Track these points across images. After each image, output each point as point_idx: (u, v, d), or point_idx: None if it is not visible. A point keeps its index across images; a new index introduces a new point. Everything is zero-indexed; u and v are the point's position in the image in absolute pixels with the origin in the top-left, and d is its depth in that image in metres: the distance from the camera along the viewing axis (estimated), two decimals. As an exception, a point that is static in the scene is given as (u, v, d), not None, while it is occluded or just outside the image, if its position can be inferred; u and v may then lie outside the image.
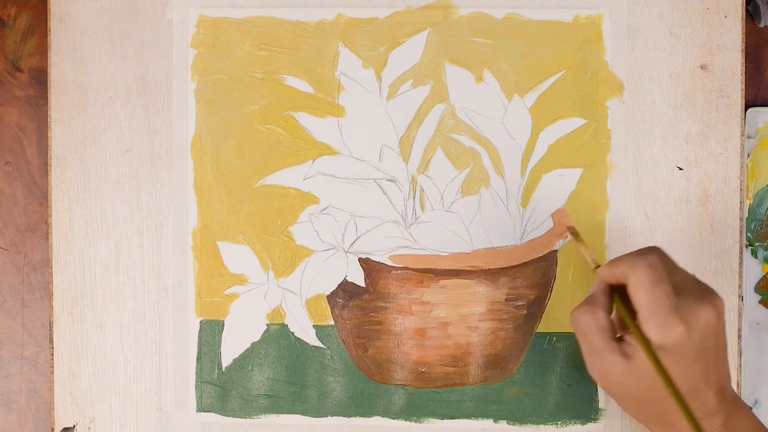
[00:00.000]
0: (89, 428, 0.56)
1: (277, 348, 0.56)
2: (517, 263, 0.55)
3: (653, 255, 0.45)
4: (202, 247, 0.56)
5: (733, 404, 0.46)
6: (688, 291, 0.45)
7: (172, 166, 0.56)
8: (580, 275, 0.55)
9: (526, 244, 0.55)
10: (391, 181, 0.55)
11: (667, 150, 0.55)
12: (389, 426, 0.55)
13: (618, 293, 0.47)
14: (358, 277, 0.55)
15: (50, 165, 0.56)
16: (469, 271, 0.55)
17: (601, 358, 0.45)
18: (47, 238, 0.57)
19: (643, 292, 0.44)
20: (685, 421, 0.42)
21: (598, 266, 0.49)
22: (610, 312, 0.46)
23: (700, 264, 0.55)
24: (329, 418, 0.56)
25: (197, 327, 0.56)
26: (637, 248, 0.47)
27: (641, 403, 0.46)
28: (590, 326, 0.45)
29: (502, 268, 0.55)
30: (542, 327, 0.55)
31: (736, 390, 0.54)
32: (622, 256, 0.46)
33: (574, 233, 0.53)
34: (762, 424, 0.46)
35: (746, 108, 0.56)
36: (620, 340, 0.46)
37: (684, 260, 0.54)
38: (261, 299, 0.55)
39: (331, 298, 0.55)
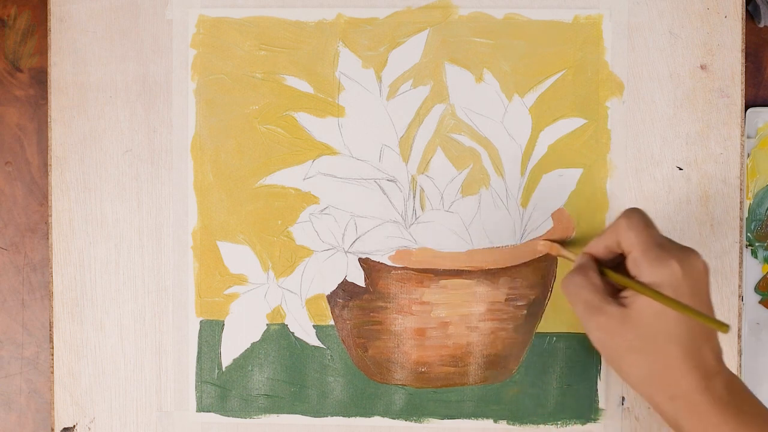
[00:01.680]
0: (89, 428, 0.56)
1: (277, 348, 0.56)
2: (517, 263, 0.55)
3: (641, 209, 0.47)
4: (202, 247, 0.56)
5: (731, 373, 0.45)
6: (674, 242, 0.46)
7: (172, 166, 0.56)
8: (580, 275, 0.55)
9: (526, 244, 0.55)
10: (391, 181, 0.55)
11: (667, 150, 0.55)
12: (389, 426, 0.55)
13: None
14: (358, 277, 0.55)
15: (50, 165, 0.56)
16: (469, 271, 0.55)
17: (600, 312, 0.45)
18: (47, 238, 0.57)
19: (637, 233, 0.45)
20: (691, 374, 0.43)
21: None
22: (599, 275, 0.47)
23: (700, 264, 0.55)
24: (329, 418, 0.56)
25: (197, 327, 0.56)
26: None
27: (643, 355, 0.44)
28: (584, 285, 0.46)
29: (502, 268, 0.55)
30: (542, 327, 0.55)
31: (736, 390, 0.54)
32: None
33: (556, 251, 0.54)
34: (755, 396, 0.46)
35: (746, 108, 0.56)
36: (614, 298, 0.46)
37: (684, 260, 0.55)
38: (261, 299, 0.56)
39: (331, 298, 0.55)
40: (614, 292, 0.47)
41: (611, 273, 0.47)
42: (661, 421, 0.55)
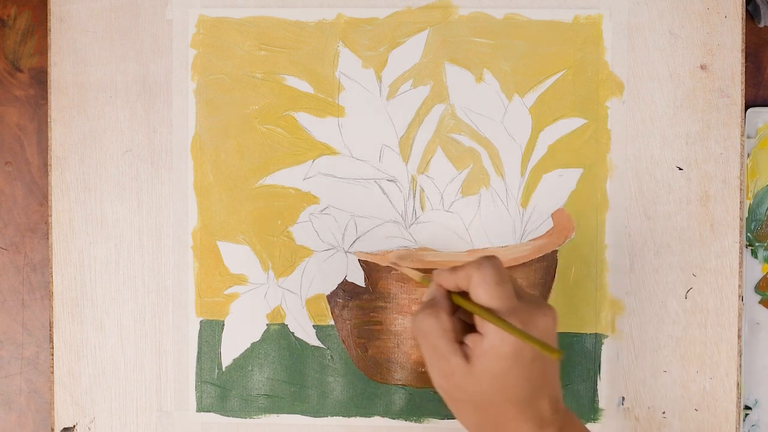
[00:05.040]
0: (89, 428, 0.56)
1: (277, 348, 0.56)
2: (517, 263, 0.55)
3: (497, 259, 0.45)
4: (202, 247, 0.56)
5: (565, 417, 0.45)
6: (524, 297, 0.45)
7: (172, 166, 0.56)
8: (580, 275, 0.55)
9: (526, 244, 0.55)
10: (391, 181, 0.55)
11: (667, 150, 0.55)
12: (389, 426, 0.55)
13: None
14: (358, 277, 0.55)
15: (50, 165, 0.56)
16: (469, 271, 0.55)
17: (445, 361, 0.44)
18: (47, 238, 0.57)
19: (486, 291, 0.43)
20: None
21: (425, 278, 0.48)
22: (451, 314, 0.45)
23: (700, 264, 0.55)
24: (329, 418, 0.56)
25: (197, 327, 0.56)
26: (635, 249, 0.47)
27: (479, 410, 0.45)
28: (434, 328, 0.44)
29: (502, 268, 0.55)
30: (542, 327, 0.55)
31: (735, 390, 0.54)
32: (462, 263, 0.46)
33: (396, 263, 0.53)
34: None
35: (746, 108, 0.56)
36: (461, 344, 0.44)
37: (684, 260, 0.55)
38: (261, 299, 0.56)
39: (331, 298, 0.55)
40: (463, 330, 0.45)
41: (465, 303, 0.45)
42: (661, 421, 0.55)
